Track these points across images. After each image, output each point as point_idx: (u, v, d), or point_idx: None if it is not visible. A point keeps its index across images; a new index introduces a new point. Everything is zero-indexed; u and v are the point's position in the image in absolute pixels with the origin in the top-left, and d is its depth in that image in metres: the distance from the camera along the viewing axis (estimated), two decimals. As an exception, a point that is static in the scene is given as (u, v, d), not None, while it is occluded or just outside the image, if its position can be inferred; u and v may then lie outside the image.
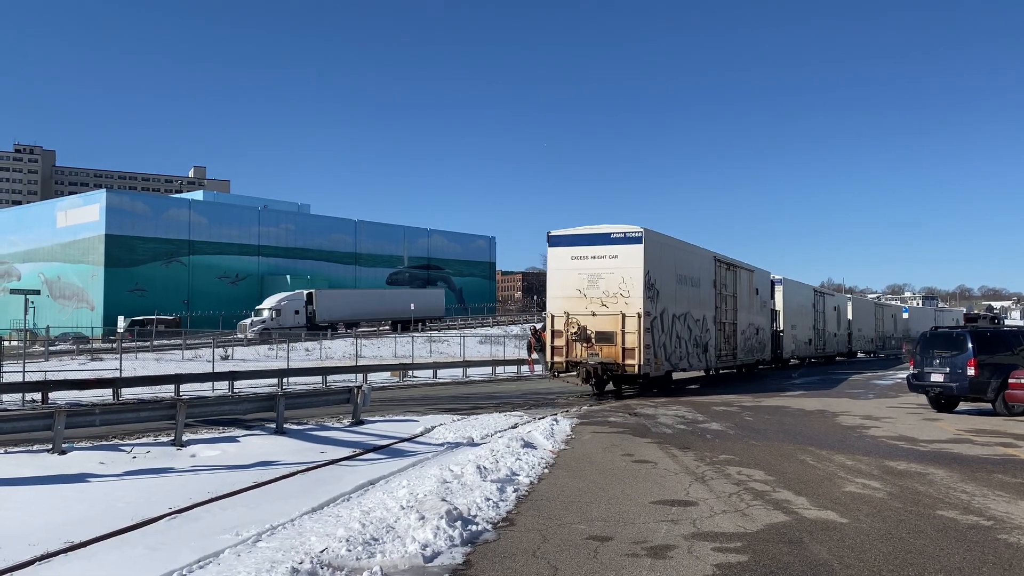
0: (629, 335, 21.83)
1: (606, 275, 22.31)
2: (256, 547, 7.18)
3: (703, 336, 27.35)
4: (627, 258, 22.14)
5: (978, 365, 17.79)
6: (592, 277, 22.45)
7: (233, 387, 24.44)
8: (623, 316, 21.92)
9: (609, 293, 22.18)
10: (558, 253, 23.26)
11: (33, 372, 26.21)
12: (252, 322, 57.76)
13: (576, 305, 22.63)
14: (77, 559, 7.12)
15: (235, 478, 10.77)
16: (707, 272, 28.21)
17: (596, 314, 22.29)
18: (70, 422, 12.64)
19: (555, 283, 23.32)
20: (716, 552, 6.94)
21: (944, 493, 9.48)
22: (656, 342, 22.79)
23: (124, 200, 73.20)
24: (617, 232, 22.48)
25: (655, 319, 22.72)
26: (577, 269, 22.69)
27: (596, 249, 22.57)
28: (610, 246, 22.42)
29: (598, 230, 22.83)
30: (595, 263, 22.50)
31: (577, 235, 23.07)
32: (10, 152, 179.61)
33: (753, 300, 34.04)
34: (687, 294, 25.78)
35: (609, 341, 22.04)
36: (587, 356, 22.21)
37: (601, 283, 22.35)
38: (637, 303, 21.86)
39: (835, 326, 50.24)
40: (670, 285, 24.16)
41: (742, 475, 10.59)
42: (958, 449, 13.13)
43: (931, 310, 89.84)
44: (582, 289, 22.56)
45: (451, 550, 6.99)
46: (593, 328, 22.25)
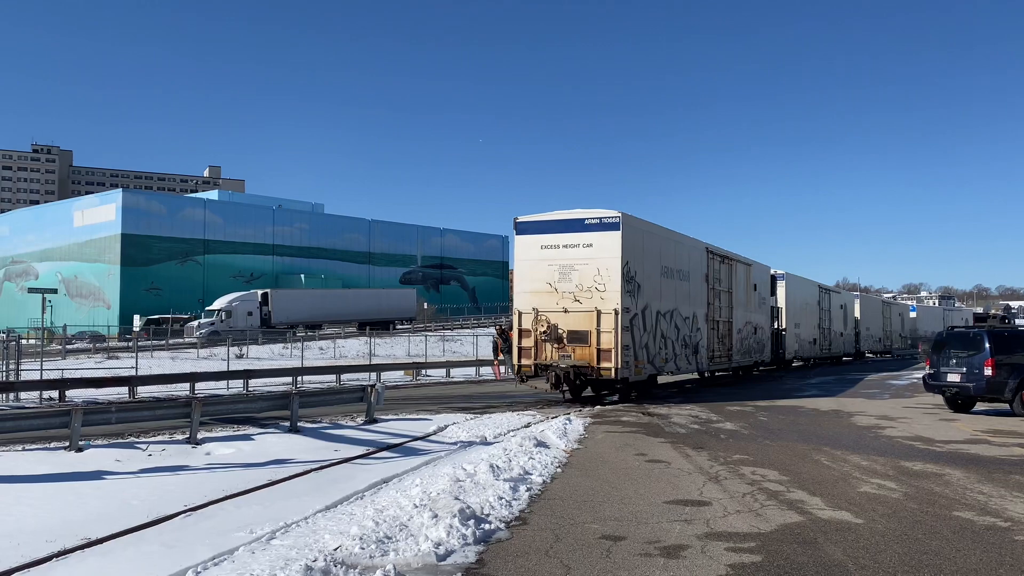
0: (604, 334, 19.46)
1: (580, 266, 19.98)
2: (270, 545, 7.22)
3: (693, 335, 25.01)
4: (603, 247, 19.76)
5: (995, 365, 17.62)
6: (564, 269, 20.12)
7: (248, 385, 24.58)
8: (598, 313, 19.56)
9: (583, 287, 19.85)
10: (526, 242, 20.91)
11: (50, 370, 26.46)
12: (200, 324, 54.36)
13: (546, 300, 20.28)
14: (93, 555, 7.18)
15: (250, 476, 10.82)
16: (698, 265, 25.76)
17: (568, 311, 19.96)
18: (87, 420, 12.74)
19: (523, 276, 21.03)
20: (730, 552, 6.91)
21: (960, 494, 9.40)
22: (636, 342, 20.51)
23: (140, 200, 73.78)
24: (592, 217, 20.06)
25: (635, 316, 20.51)
26: (547, 260, 20.34)
27: (568, 237, 20.22)
28: (584, 233, 20.03)
29: (570, 215, 20.46)
30: (567, 253, 20.15)
31: (547, 221, 20.67)
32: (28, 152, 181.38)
33: (751, 296, 31.64)
34: (674, 289, 23.54)
35: (582, 341, 19.70)
36: (558, 358, 19.89)
37: (574, 275, 19.99)
38: (614, 298, 19.52)
39: (841, 325, 48.29)
40: (654, 278, 21.93)
41: (756, 475, 10.55)
42: (975, 450, 13.02)
43: (939, 309, 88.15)
44: (553, 282, 20.18)
45: (464, 549, 6.99)
46: (565, 326, 19.93)
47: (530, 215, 21.08)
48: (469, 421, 16.67)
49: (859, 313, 52.37)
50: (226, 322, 54.73)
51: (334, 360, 39.93)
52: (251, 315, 57.54)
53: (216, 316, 55.65)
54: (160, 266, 71.42)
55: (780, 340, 36.43)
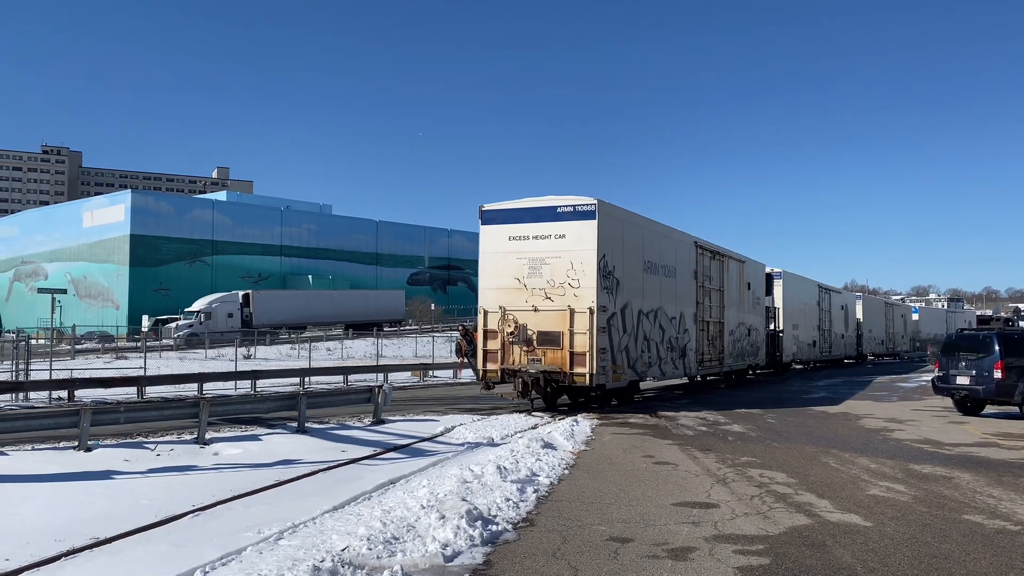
0: (578, 336, 17.63)
1: (551, 260, 18.08)
2: (278, 545, 7.23)
3: (680, 337, 23.13)
4: (577, 238, 17.87)
5: (1005, 368, 17.54)
6: (534, 262, 18.23)
7: (255, 386, 24.64)
8: (571, 312, 17.70)
9: (555, 282, 17.95)
10: (492, 232, 19.09)
11: (60, 370, 26.59)
12: (178, 326, 52.91)
13: (514, 298, 18.41)
14: (102, 555, 7.20)
15: (257, 476, 10.84)
16: (686, 260, 23.92)
17: (539, 309, 18.08)
18: (96, 420, 12.79)
19: (488, 270, 19.17)
20: (737, 555, 6.89)
21: (970, 497, 9.35)
22: (615, 345, 18.66)
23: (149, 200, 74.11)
24: (565, 205, 18.16)
25: (613, 316, 18.60)
26: (516, 252, 18.48)
27: (539, 227, 18.32)
28: (556, 223, 18.13)
29: (541, 203, 18.55)
30: (538, 245, 18.26)
31: (516, 210, 18.79)
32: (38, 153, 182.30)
33: (744, 295, 29.84)
34: (659, 286, 21.72)
35: (554, 343, 17.84)
36: (527, 363, 18.00)
37: (545, 270, 18.10)
38: (589, 295, 17.62)
39: (843, 327, 46.60)
40: (635, 274, 20.12)
41: (764, 477, 10.52)
42: (984, 453, 12.95)
43: (942, 311, 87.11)
44: (522, 278, 18.33)
45: (471, 550, 6.99)
46: (535, 327, 18.05)
47: (497, 203, 19.31)
48: (476, 422, 16.66)
49: (861, 314, 50.94)
50: (205, 324, 53.46)
51: (341, 361, 40.02)
52: (231, 317, 56.42)
53: (195, 317, 54.51)
54: (169, 267, 71.69)
55: (777, 342, 34.93)
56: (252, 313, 57.97)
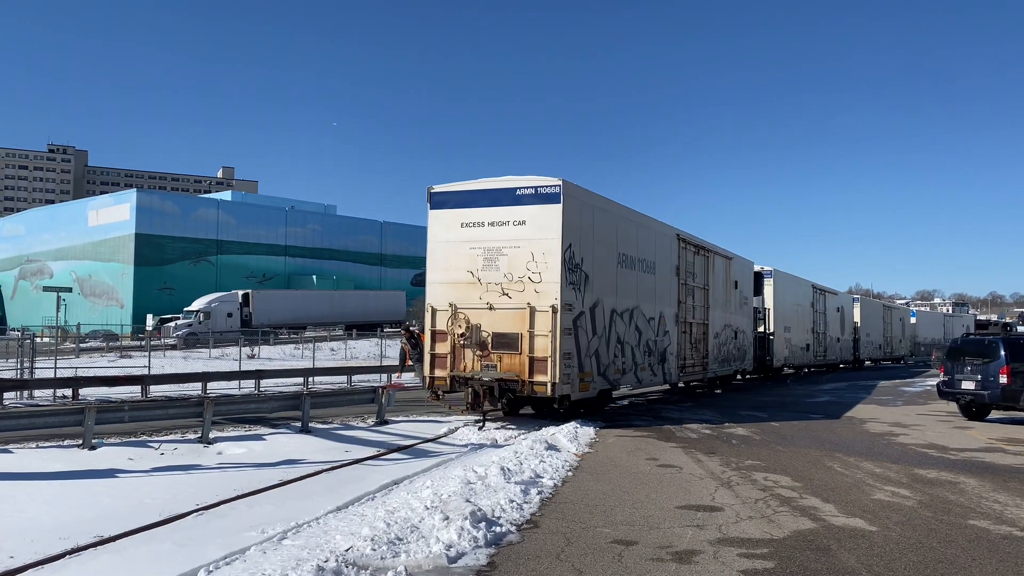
0: (539, 338, 15.37)
1: (510, 250, 15.82)
2: (282, 545, 7.23)
3: (659, 340, 21.00)
4: (539, 225, 15.61)
5: (1011, 373, 17.48)
6: (490, 253, 15.99)
7: (259, 386, 24.65)
8: (532, 310, 15.43)
9: (513, 276, 15.71)
10: (443, 218, 16.73)
11: (64, 368, 26.65)
12: (177, 325, 52.65)
13: (467, 294, 16.15)
14: (106, 553, 7.21)
15: (261, 476, 10.85)
16: (667, 254, 21.77)
17: (495, 307, 15.84)
18: (100, 418, 12.80)
19: (438, 262, 16.82)
20: (742, 558, 6.88)
21: (976, 502, 9.32)
22: (583, 349, 16.35)
23: (154, 200, 74.35)
24: (525, 186, 15.87)
25: (581, 315, 16.33)
26: (469, 241, 16.23)
27: (496, 212, 16.04)
28: (515, 207, 15.87)
29: (499, 183, 16.26)
30: (494, 233, 16.00)
31: (469, 191, 16.51)
32: (44, 152, 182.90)
33: (731, 295, 27.76)
34: (635, 282, 19.46)
35: (511, 347, 15.61)
36: (480, 369, 15.84)
37: (502, 261, 15.86)
38: (552, 291, 15.37)
39: (838, 330, 44.48)
40: (608, 268, 17.85)
41: (768, 481, 10.50)
42: (990, 458, 12.91)
43: (939, 315, 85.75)
44: (475, 271, 16.09)
45: (475, 551, 6.98)
46: (489, 328, 15.81)
47: (449, 184, 16.98)
48: (480, 423, 16.65)
49: (859, 317, 48.89)
50: (204, 323, 53.02)
51: (345, 361, 40.02)
52: (231, 316, 56.06)
53: (194, 317, 54.16)
54: (173, 266, 71.90)
55: (767, 346, 32.98)
56: (252, 313, 57.74)
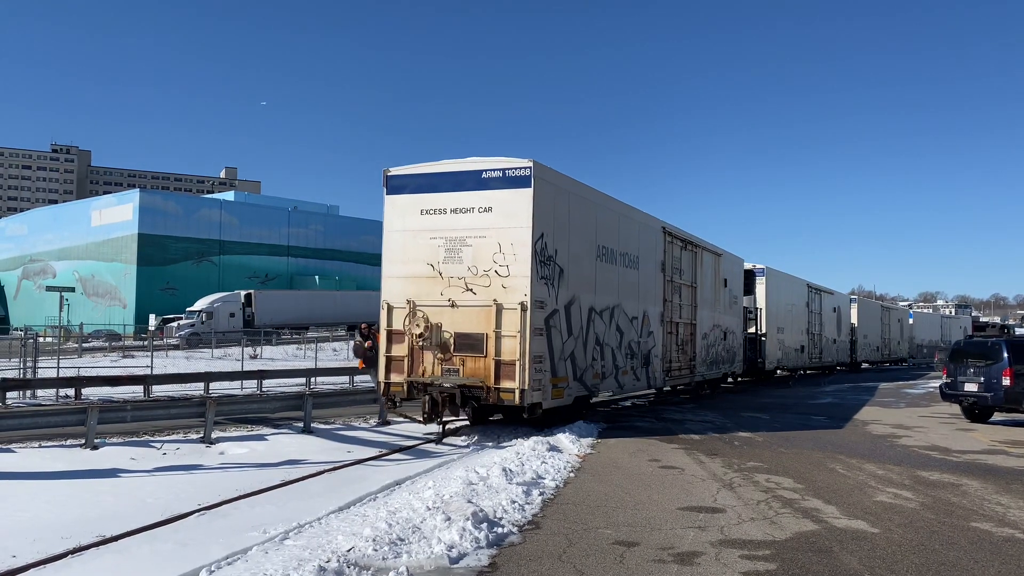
0: (507, 339, 13.70)
1: (474, 240, 14.19)
2: (283, 545, 7.23)
3: (643, 342, 19.37)
4: (507, 212, 13.97)
5: (1014, 375, 17.46)
6: (452, 243, 14.36)
7: (261, 386, 24.65)
8: (499, 308, 13.77)
9: (479, 270, 14.07)
10: (401, 205, 15.13)
11: (67, 368, 26.68)
12: (180, 325, 52.39)
13: (427, 289, 14.51)
14: (108, 552, 7.22)
15: (263, 476, 10.86)
16: (652, 249, 20.07)
17: (457, 305, 14.15)
18: (102, 418, 12.83)
19: (395, 253, 15.26)
20: (744, 560, 6.87)
21: (978, 505, 9.31)
22: (556, 351, 14.71)
23: (157, 200, 74.43)
24: (492, 169, 14.21)
25: (555, 314, 14.69)
26: (430, 230, 14.60)
27: (459, 197, 14.40)
28: (481, 192, 14.23)
29: (462, 165, 14.64)
30: (458, 221, 14.38)
31: (430, 175, 14.90)
32: (47, 152, 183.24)
33: (720, 293, 26.15)
34: (617, 278, 17.78)
35: (476, 349, 13.97)
36: (441, 374, 14.17)
37: (466, 253, 14.23)
38: (521, 286, 13.73)
39: (835, 331, 43.05)
40: (586, 261, 16.26)
41: (771, 482, 10.49)
42: (992, 460, 12.89)
43: (937, 316, 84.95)
44: (436, 263, 14.46)
45: (477, 552, 6.99)
46: (452, 327, 14.17)
47: (407, 166, 15.36)
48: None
49: (856, 318, 47.57)
50: (207, 323, 52.91)
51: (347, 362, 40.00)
52: (233, 316, 55.94)
53: (197, 317, 54.04)
54: (176, 266, 71.96)
55: (759, 347, 31.57)
56: (254, 313, 57.69)
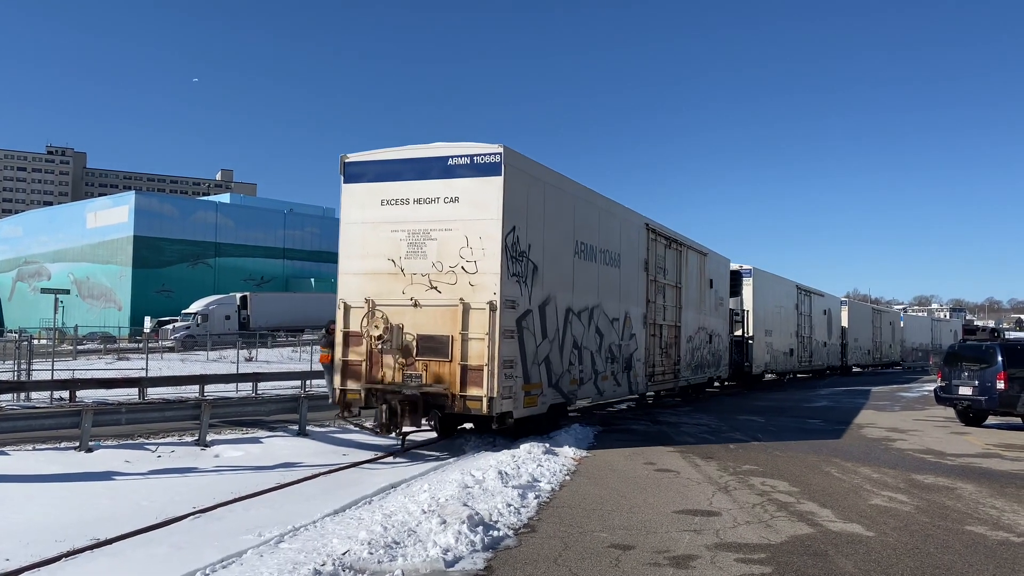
0: (474, 342, 12.51)
1: (440, 233, 12.96)
2: (278, 548, 7.22)
3: (625, 345, 18.32)
4: (475, 202, 12.77)
5: (1008, 379, 17.51)
6: (415, 237, 13.11)
7: (257, 388, 24.62)
8: (465, 308, 12.61)
9: (444, 266, 12.85)
10: (359, 194, 13.74)
11: (61, 370, 26.57)
12: (175, 328, 52.27)
13: (387, 287, 13.21)
14: (103, 556, 7.21)
15: (258, 479, 10.85)
16: (634, 246, 18.91)
17: (420, 304, 12.90)
18: (97, 420, 12.81)
19: (353, 248, 13.76)
20: (739, 563, 6.87)
21: (972, 508, 9.33)
22: (529, 355, 13.54)
23: (152, 202, 74.25)
24: (459, 155, 12.99)
25: (528, 314, 13.51)
26: (391, 222, 13.30)
27: (423, 186, 13.16)
28: (447, 181, 13.00)
29: (427, 151, 13.38)
30: (421, 212, 13.12)
31: (392, 161, 13.60)
32: (42, 154, 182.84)
33: (705, 294, 25.16)
34: (596, 276, 16.68)
35: (440, 353, 12.72)
36: (402, 380, 12.92)
37: (430, 248, 12.98)
38: (490, 284, 12.54)
39: (825, 333, 42.43)
40: (562, 258, 15.08)
41: (766, 486, 10.50)
42: (987, 464, 12.93)
43: (927, 319, 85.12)
44: (398, 259, 13.17)
45: (472, 555, 6.98)
46: (414, 329, 12.90)
47: (366, 152, 13.99)
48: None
49: (847, 321, 46.93)
50: (203, 326, 52.72)
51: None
52: (229, 319, 55.89)
53: (192, 319, 53.93)
54: (171, 268, 71.78)
55: (746, 351, 30.73)
56: (250, 315, 57.55)
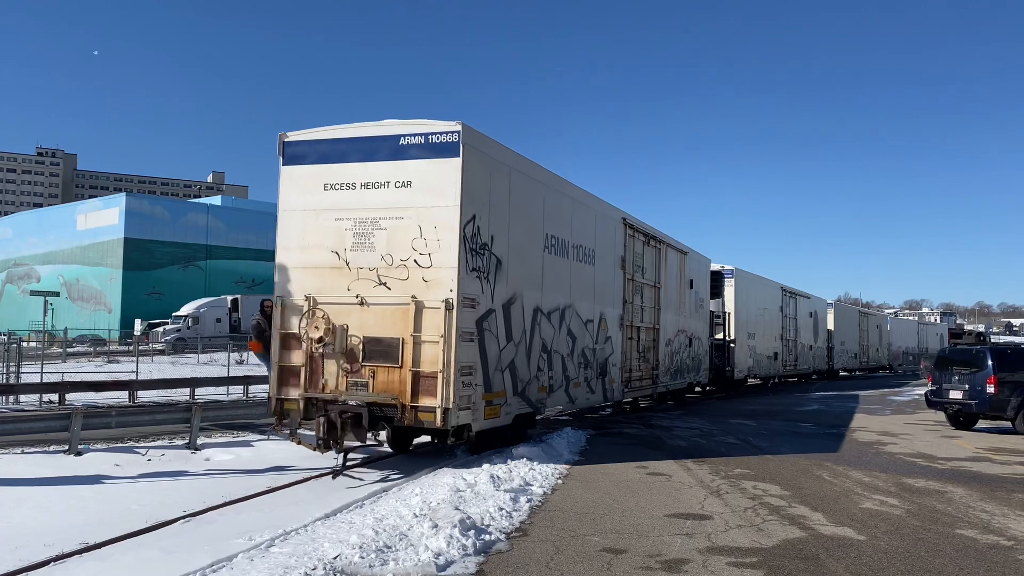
0: (428, 345, 10.97)
1: (389, 222, 11.36)
2: (269, 552, 7.18)
3: (600, 348, 16.98)
4: (430, 187, 11.19)
5: (998, 383, 17.61)
6: (362, 226, 11.51)
7: (248, 391, 24.52)
8: (417, 306, 11.03)
9: (394, 259, 11.27)
10: (299, 178, 12.11)
11: (51, 373, 26.41)
12: (166, 330, 52.20)
13: (330, 283, 11.65)
14: (92, 560, 7.15)
15: (249, 482, 10.80)
16: (610, 242, 17.61)
17: (368, 302, 11.34)
18: (86, 424, 12.73)
19: (291, 238, 12.21)
20: (731, 567, 6.88)
21: (963, 512, 9.36)
22: (492, 360, 12.13)
23: (143, 204, 73.94)
24: (412, 134, 11.40)
25: (490, 314, 12.06)
26: (335, 210, 11.69)
27: (372, 169, 11.54)
28: (398, 163, 11.38)
29: (375, 130, 11.71)
30: (369, 197, 11.50)
31: (336, 140, 11.95)
32: (32, 155, 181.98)
33: (685, 295, 23.84)
34: (569, 274, 15.32)
35: (390, 358, 11.15)
36: (346, 388, 11.40)
37: (379, 238, 11.40)
38: (446, 279, 11.00)
39: (811, 336, 41.38)
40: (531, 252, 13.67)
41: (757, 489, 10.51)
42: (977, 467, 12.98)
43: (913, 323, 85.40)
44: (342, 251, 11.59)
45: (464, 559, 6.96)
46: (361, 331, 11.35)
47: (308, 130, 12.30)
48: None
49: (833, 324, 46.06)
50: (193, 328, 52.66)
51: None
52: (220, 322, 55.79)
53: (183, 322, 53.82)
54: (162, 270, 71.47)
55: (727, 355, 29.43)
56: (241, 318, 57.26)
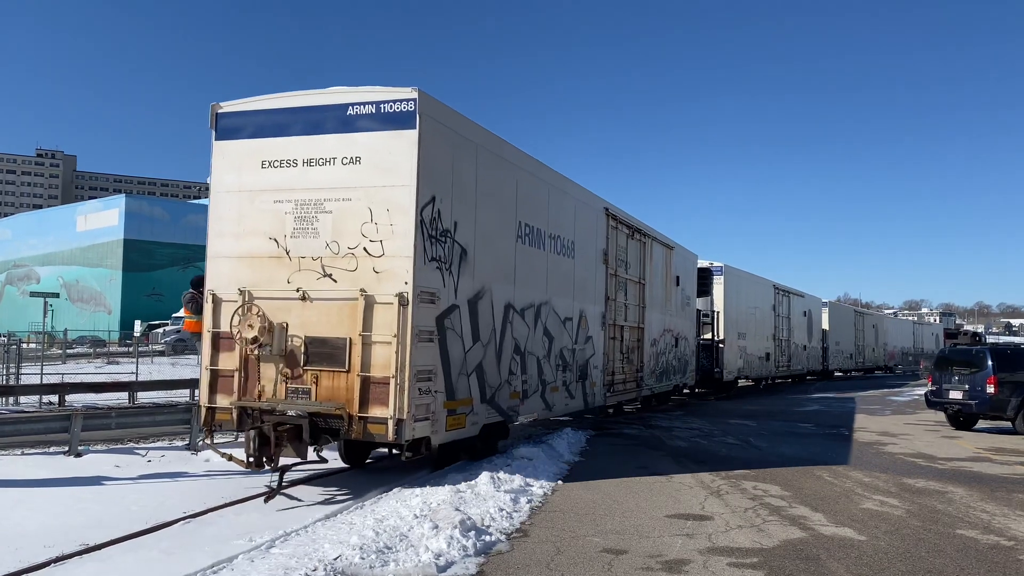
0: (379, 347, 9.42)
1: (336, 204, 9.82)
2: (270, 553, 7.17)
3: (580, 349, 15.54)
4: (382, 165, 9.64)
5: (998, 383, 17.62)
6: (305, 209, 9.97)
7: (248, 393, 24.49)
8: (367, 302, 9.49)
9: (341, 247, 9.74)
10: (234, 153, 10.64)
11: (51, 374, 26.40)
12: (165, 331, 51.31)
13: (268, 274, 10.13)
14: (92, 561, 7.15)
15: (249, 483, 10.78)
16: (591, 233, 16.12)
17: (311, 297, 9.83)
18: (86, 424, 12.71)
19: (224, 223, 10.76)
20: (732, 567, 6.87)
21: (963, 512, 9.36)
22: (456, 363, 10.55)
23: (143, 205, 73.90)
24: (361, 103, 9.80)
25: (453, 311, 10.48)
26: (273, 190, 10.18)
27: (316, 143, 10.00)
28: (346, 136, 9.84)
29: (319, 98, 10.13)
30: (312, 176, 9.96)
31: (275, 111, 10.33)
32: (32, 157, 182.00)
33: (671, 293, 22.48)
34: (546, 267, 13.79)
35: (335, 361, 9.60)
36: (286, 396, 9.87)
37: (324, 223, 9.86)
38: (401, 270, 9.44)
39: (805, 336, 40.15)
40: (501, 241, 12.03)
41: (758, 490, 10.51)
42: (977, 467, 12.98)
43: (909, 323, 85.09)
44: (282, 237, 10.07)
45: (464, 560, 6.96)
46: (303, 330, 9.81)
47: (244, 99, 10.70)
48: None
49: (827, 324, 44.82)
50: None
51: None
52: None
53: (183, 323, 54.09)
54: (162, 272, 71.42)
55: (716, 355, 28.06)
56: None
